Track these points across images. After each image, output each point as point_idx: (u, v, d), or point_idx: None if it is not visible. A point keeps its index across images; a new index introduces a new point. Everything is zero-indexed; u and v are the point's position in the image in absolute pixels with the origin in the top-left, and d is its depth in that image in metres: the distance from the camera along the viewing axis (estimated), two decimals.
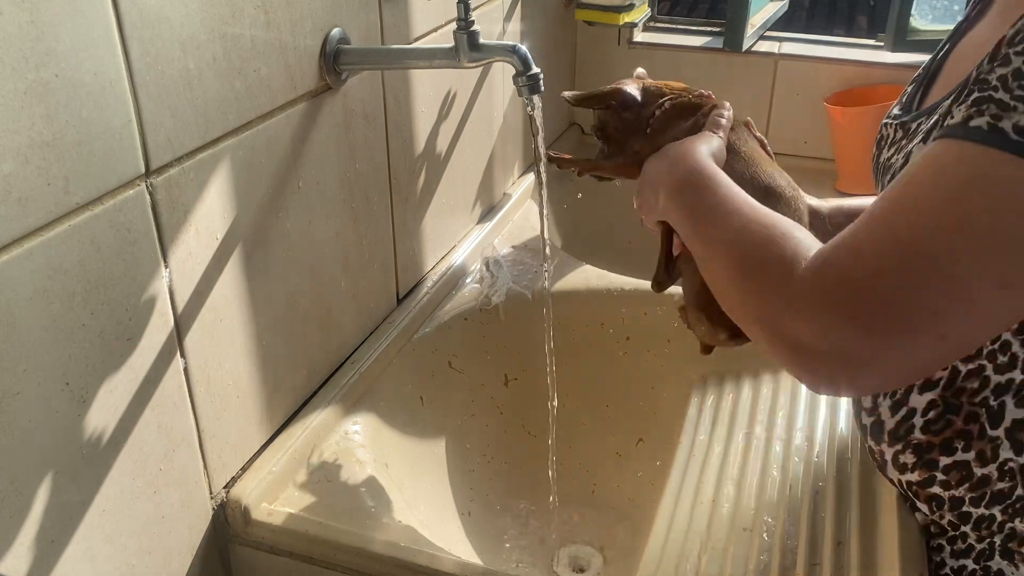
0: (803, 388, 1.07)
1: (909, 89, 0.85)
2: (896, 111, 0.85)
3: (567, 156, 0.96)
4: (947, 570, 0.80)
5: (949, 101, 0.70)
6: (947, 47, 0.83)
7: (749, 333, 0.67)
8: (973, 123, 0.56)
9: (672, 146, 0.83)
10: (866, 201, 0.93)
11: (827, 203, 0.92)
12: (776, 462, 0.96)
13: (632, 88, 0.90)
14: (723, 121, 0.86)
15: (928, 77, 0.83)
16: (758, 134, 0.89)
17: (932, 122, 0.70)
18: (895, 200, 0.58)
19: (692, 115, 0.87)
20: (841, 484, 0.90)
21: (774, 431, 1.00)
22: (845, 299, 0.57)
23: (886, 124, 0.84)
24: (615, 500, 1.25)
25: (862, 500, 0.88)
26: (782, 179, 0.83)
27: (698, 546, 0.85)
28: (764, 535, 0.86)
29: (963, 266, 0.54)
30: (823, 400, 1.04)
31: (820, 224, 0.88)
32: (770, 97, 1.69)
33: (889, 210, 0.58)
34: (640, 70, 0.94)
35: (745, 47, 1.66)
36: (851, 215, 0.90)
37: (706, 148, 0.81)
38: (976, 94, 0.58)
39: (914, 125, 0.78)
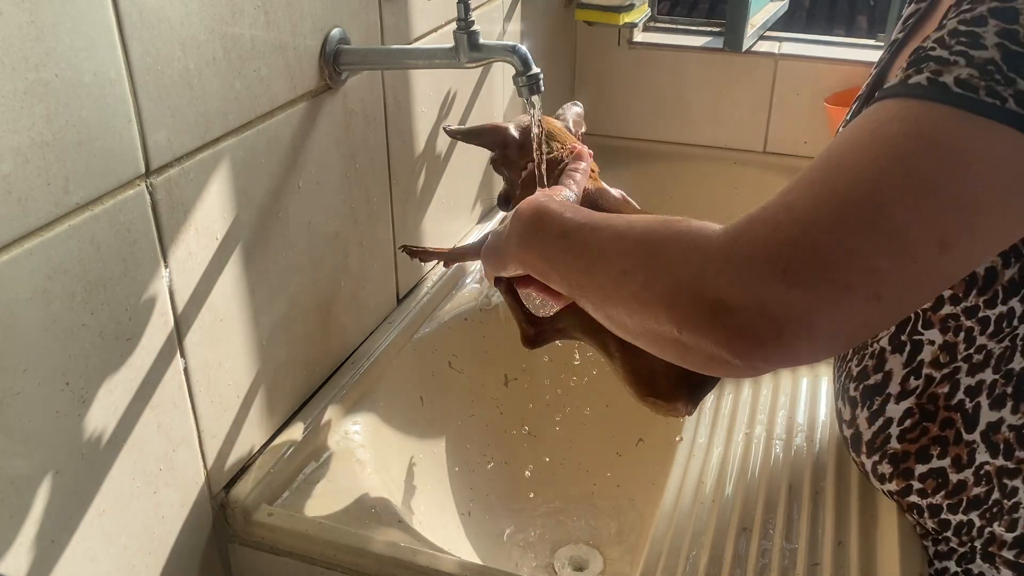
0: (803, 388, 1.07)
1: (854, 107, 0.85)
2: (840, 129, 0.85)
3: (421, 248, 1.01)
4: (931, 571, 0.80)
5: None
6: (885, 63, 0.83)
7: (654, 335, 0.59)
8: (912, 80, 0.54)
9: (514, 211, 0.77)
10: None
11: None
12: (776, 462, 0.96)
13: (512, 129, 0.93)
14: (577, 175, 0.84)
15: (868, 95, 0.83)
16: (617, 192, 0.88)
17: None
18: (830, 157, 0.55)
19: (555, 171, 0.89)
20: (841, 484, 0.90)
21: (774, 431, 1.00)
22: (776, 252, 0.53)
23: None
24: (615, 500, 1.25)
25: (862, 500, 0.88)
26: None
27: (698, 546, 0.85)
28: (764, 535, 0.86)
29: (904, 221, 0.51)
30: (823, 400, 1.04)
31: None
32: (770, 97, 1.69)
33: (824, 167, 0.55)
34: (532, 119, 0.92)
35: (745, 47, 1.66)
36: None
37: (552, 199, 0.74)
38: (912, 57, 0.57)
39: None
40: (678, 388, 0.77)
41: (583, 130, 0.99)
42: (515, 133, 0.94)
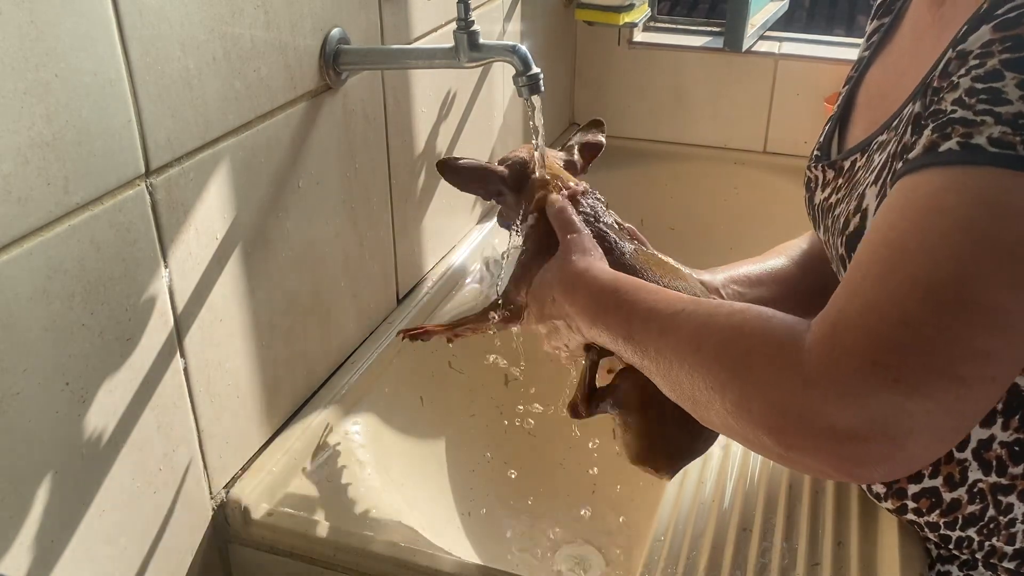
0: None
1: (827, 129, 0.84)
2: (816, 153, 0.84)
3: (421, 328, 0.92)
4: (934, 573, 0.80)
5: (885, 135, 0.69)
6: (855, 81, 0.83)
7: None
8: (943, 148, 0.53)
9: (543, 276, 0.75)
10: (754, 266, 0.90)
11: (717, 275, 0.87)
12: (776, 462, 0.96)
13: (501, 169, 0.84)
14: (565, 216, 0.78)
15: (841, 115, 0.82)
16: (627, 224, 0.83)
17: (880, 162, 0.67)
18: (890, 242, 0.53)
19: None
20: (841, 484, 0.90)
21: None
22: (880, 360, 0.49)
23: (810, 167, 0.83)
24: (615, 500, 1.25)
25: (862, 500, 0.88)
26: (672, 261, 0.80)
27: (698, 546, 0.85)
28: (764, 535, 0.86)
29: (996, 292, 0.49)
30: None
31: (717, 297, 0.84)
32: (770, 97, 1.69)
33: (888, 254, 0.52)
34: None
35: (745, 47, 1.66)
36: (744, 282, 0.87)
37: (579, 257, 0.72)
38: (932, 123, 0.56)
39: (847, 163, 0.76)
40: (671, 465, 0.78)
41: (600, 152, 0.92)
42: (504, 172, 0.85)
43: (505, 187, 0.85)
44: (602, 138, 0.92)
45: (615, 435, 0.81)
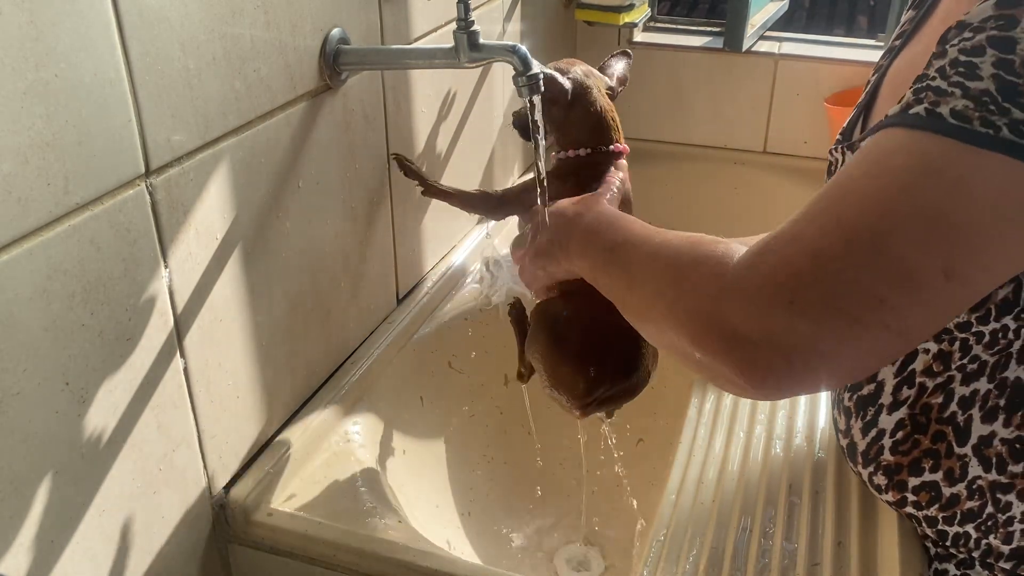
0: None
1: (852, 115, 0.85)
2: (839, 137, 0.85)
3: (416, 168, 0.99)
4: (932, 571, 0.80)
5: None
6: (883, 69, 0.83)
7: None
8: (912, 110, 0.55)
9: (565, 203, 0.82)
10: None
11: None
12: (776, 462, 0.96)
13: (563, 80, 0.89)
14: (615, 186, 0.87)
15: (867, 102, 0.83)
16: None
17: None
18: (837, 186, 0.57)
19: (591, 174, 0.89)
20: (841, 484, 0.90)
21: (774, 431, 1.00)
22: (784, 283, 0.54)
23: (833, 150, 0.84)
24: (615, 500, 1.25)
25: (862, 500, 0.88)
26: None
27: (698, 546, 0.85)
28: (764, 535, 0.86)
29: (909, 251, 0.52)
30: (823, 401, 1.04)
31: None
32: (770, 97, 1.69)
33: (831, 196, 0.56)
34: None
35: (745, 47, 1.66)
36: None
37: (604, 204, 0.80)
38: (915, 85, 0.57)
39: (860, 145, 0.78)
40: (577, 397, 0.83)
41: (624, 87, 0.97)
42: (567, 86, 0.89)
43: (559, 96, 0.89)
44: (629, 58, 1.00)
45: (540, 379, 0.87)
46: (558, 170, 0.91)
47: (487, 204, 0.96)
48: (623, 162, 0.91)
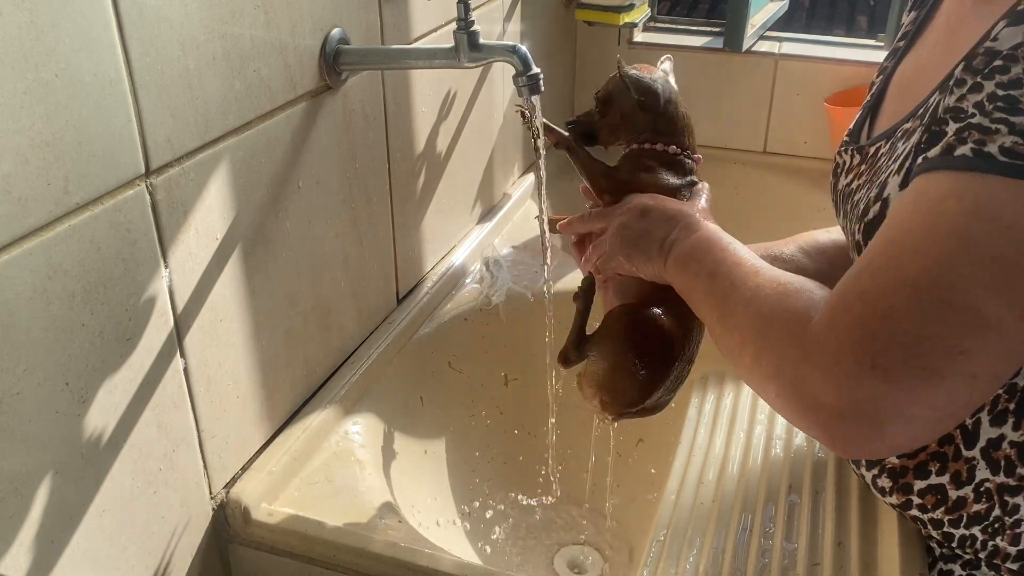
0: None
1: (859, 117, 0.85)
2: (846, 139, 0.85)
3: (554, 127, 0.92)
4: (937, 571, 0.80)
5: (910, 123, 0.69)
6: (888, 71, 0.83)
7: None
8: (958, 152, 0.55)
9: (670, 203, 0.80)
10: (832, 233, 0.93)
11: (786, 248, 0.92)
12: (776, 462, 0.96)
13: (633, 92, 0.87)
14: (703, 200, 0.87)
15: (874, 103, 0.83)
16: None
17: (904, 151, 0.69)
18: (893, 239, 0.56)
19: (679, 174, 0.88)
20: (841, 484, 0.90)
21: (774, 431, 1.00)
22: (860, 346, 0.53)
23: (840, 152, 0.84)
24: (615, 500, 1.25)
25: (862, 500, 0.88)
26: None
27: (698, 546, 0.85)
28: (764, 535, 0.86)
29: (981, 299, 0.52)
30: None
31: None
32: (770, 97, 1.69)
33: (889, 250, 0.56)
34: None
35: (745, 47, 1.66)
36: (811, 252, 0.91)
37: (712, 225, 0.78)
38: (953, 124, 0.57)
39: (872, 150, 0.77)
40: (618, 404, 0.83)
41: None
42: (635, 96, 0.87)
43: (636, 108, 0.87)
44: (671, 62, 0.98)
45: (583, 372, 0.85)
46: (637, 157, 0.87)
47: (610, 181, 0.88)
48: (706, 193, 0.90)
